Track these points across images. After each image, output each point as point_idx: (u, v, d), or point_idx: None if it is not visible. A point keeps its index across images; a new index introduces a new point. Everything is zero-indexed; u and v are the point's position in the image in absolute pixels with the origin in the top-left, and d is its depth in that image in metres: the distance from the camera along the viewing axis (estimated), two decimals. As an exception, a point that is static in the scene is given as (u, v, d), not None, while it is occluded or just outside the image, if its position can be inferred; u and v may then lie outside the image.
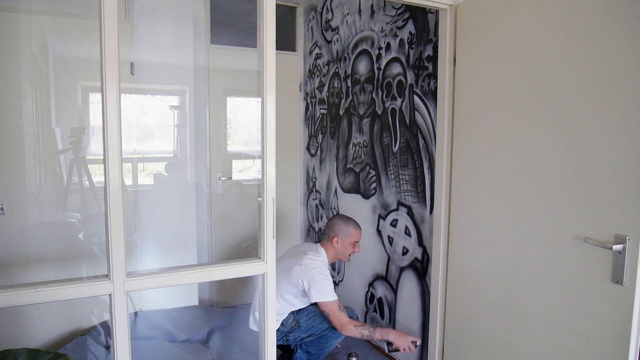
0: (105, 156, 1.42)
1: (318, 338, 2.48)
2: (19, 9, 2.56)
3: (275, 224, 1.70)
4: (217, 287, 3.57)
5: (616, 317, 1.45)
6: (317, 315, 2.47)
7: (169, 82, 3.25)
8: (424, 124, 2.42)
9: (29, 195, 2.69)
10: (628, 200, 1.42)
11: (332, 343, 2.49)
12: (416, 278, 2.53)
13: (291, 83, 3.80)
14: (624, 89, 1.42)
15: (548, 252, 1.67)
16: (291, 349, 2.59)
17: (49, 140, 2.81)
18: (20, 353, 1.17)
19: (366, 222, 2.97)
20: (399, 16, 2.59)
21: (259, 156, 1.68)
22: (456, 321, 2.17)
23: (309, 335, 2.50)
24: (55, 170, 2.85)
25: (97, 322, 2.87)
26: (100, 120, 1.40)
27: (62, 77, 2.85)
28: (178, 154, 3.36)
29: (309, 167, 3.77)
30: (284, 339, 2.52)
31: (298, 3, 3.74)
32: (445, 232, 2.20)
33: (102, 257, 2.59)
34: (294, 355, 2.56)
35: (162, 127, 3.42)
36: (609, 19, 1.46)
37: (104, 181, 1.43)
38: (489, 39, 1.91)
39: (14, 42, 2.55)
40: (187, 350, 2.74)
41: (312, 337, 2.50)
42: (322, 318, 2.44)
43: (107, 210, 1.43)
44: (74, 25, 2.78)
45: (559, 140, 1.62)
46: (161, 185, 3.34)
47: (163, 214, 3.20)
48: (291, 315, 2.50)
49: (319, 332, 2.47)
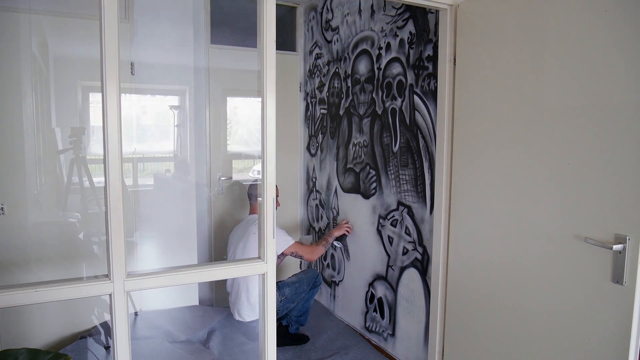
0: (105, 156, 1.42)
1: (301, 304, 2.94)
2: (19, 9, 2.56)
3: (275, 223, 1.70)
4: (217, 287, 3.57)
5: (616, 317, 1.45)
6: (296, 282, 2.92)
7: (169, 82, 3.25)
8: (424, 124, 2.42)
9: (29, 195, 2.69)
10: (628, 200, 1.42)
11: (310, 302, 3.01)
12: (420, 278, 2.53)
13: (291, 83, 3.80)
14: (624, 89, 1.42)
15: (548, 251, 1.67)
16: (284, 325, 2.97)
17: (49, 140, 2.81)
18: (21, 353, 1.17)
19: (366, 222, 2.97)
20: (399, 16, 2.59)
21: (259, 156, 1.68)
22: (456, 321, 2.17)
23: (294, 303, 2.91)
24: (55, 170, 2.85)
25: (97, 322, 2.87)
26: (101, 120, 1.40)
27: (62, 77, 2.85)
28: (178, 154, 3.36)
29: (309, 167, 3.77)
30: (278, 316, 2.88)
31: (298, 3, 3.74)
32: (445, 232, 2.20)
33: (102, 257, 2.60)
34: (289, 329, 2.96)
35: (162, 127, 3.42)
36: (609, 19, 1.46)
37: (104, 181, 1.43)
38: (489, 39, 1.91)
39: (14, 42, 2.55)
40: (187, 350, 2.74)
41: (297, 304, 2.92)
42: (300, 282, 2.92)
43: (107, 210, 1.44)
44: (74, 25, 2.78)
45: (559, 140, 1.62)
46: (161, 185, 3.34)
47: (163, 214, 3.20)
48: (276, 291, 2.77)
49: (301, 298, 2.92)
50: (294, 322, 2.98)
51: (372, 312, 2.97)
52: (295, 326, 2.98)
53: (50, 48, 2.81)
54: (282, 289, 2.85)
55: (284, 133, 3.69)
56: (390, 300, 2.78)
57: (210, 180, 3.51)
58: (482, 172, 1.96)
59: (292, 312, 2.95)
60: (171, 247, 3.23)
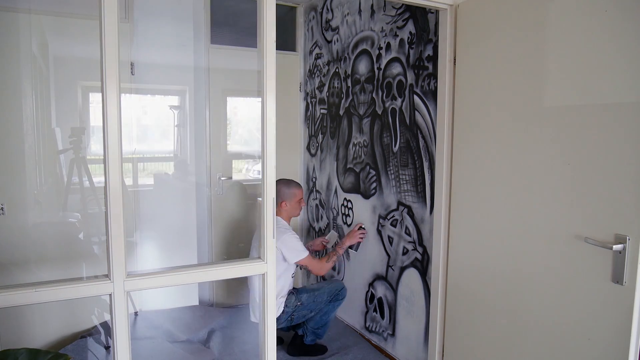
0: (105, 156, 1.42)
1: (320, 315, 2.76)
2: (19, 9, 2.56)
3: (275, 223, 1.70)
4: (217, 287, 3.57)
5: (616, 317, 1.45)
6: (316, 290, 2.77)
7: (169, 82, 3.25)
8: (424, 124, 2.42)
9: (29, 195, 2.69)
10: (628, 200, 1.42)
11: (331, 315, 2.82)
12: (420, 278, 2.53)
13: (291, 83, 3.80)
14: (624, 89, 1.42)
15: (548, 251, 1.67)
16: (300, 335, 2.84)
17: (49, 140, 2.81)
18: (21, 353, 1.17)
19: (366, 222, 2.97)
20: (399, 16, 2.59)
21: (259, 156, 1.68)
22: (456, 321, 2.17)
23: (311, 312, 2.74)
24: (55, 170, 2.85)
25: (97, 322, 2.87)
26: (101, 120, 1.40)
27: (62, 77, 2.85)
28: (178, 154, 3.36)
29: (309, 167, 3.77)
30: (289, 320, 2.71)
31: (298, 3, 3.74)
32: (445, 232, 2.20)
33: (102, 257, 2.60)
34: (304, 339, 2.82)
35: (162, 127, 3.42)
36: (609, 19, 1.46)
37: (104, 181, 1.43)
38: (489, 39, 1.91)
39: (14, 42, 2.55)
40: (187, 350, 2.74)
41: (314, 314, 2.75)
42: (320, 291, 2.75)
43: (107, 210, 1.44)
44: (74, 25, 2.78)
45: (559, 140, 1.62)
46: (161, 185, 3.34)
47: (163, 214, 3.20)
48: (292, 295, 2.71)
49: (320, 307, 2.74)
50: (310, 333, 2.81)
51: (372, 312, 2.97)
52: (310, 337, 2.82)
53: (50, 48, 2.81)
54: (300, 294, 2.72)
55: (284, 133, 3.69)
56: (390, 300, 2.78)
57: (210, 180, 3.51)
58: (482, 172, 1.96)
59: (310, 322, 2.78)
60: (171, 247, 3.23)
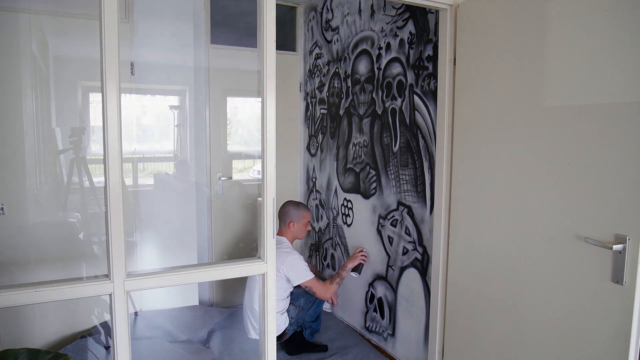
0: (105, 156, 1.42)
1: (314, 307, 2.87)
2: (19, 9, 2.56)
3: (275, 223, 1.70)
4: (217, 287, 3.57)
5: (616, 317, 1.45)
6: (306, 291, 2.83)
7: (169, 82, 3.25)
8: (424, 124, 2.42)
9: (29, 195, 2.69)
10: (628, 200, 1.41)
11: (322, 305, 2.94)
12: (420, 278, 2.53)
13: (291, 83, 3.80)
14: (624, 89, 1.42)
15: (548, 251, 1.67)
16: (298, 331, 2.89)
17: (49, 140, 2.81)
18: (21, 353, 1.17)
19: (366, 222, 2.97)
20: (399, 16, 2.59)
21: (259, 156, 1.68)
22: (456, 321, 2.17)
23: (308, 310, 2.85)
24: (55, 170, 2.85)
25: (97, 322, 2.87)
26: (101, 120, 1.40)
27: (62, 77, 2.85)
28: (178, 154, 3.36)
29: (309, 167, 3.77)
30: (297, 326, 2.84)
31: (298, 3, 3.74)
32: (445, 232, 2.20)
33: (102, 257, 2.60)
34: (304, 334, 2.89)
35: (162, 127, 3.42)
36: (609, 18, 1.46)
37: (104, 181, 1.43)
38: (489, 39, 1.91)
39: (14, 42, 2.55)
40: (187, 350, 2.74)
41: (310, 310, 2.86)
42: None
43: (107, 210, 1.44)
44: (74, 25, 2.78)
45: (559, 140, 1.62)
46: (161, 185, 3.34)
47: (163, 214, 3.20)
48: (291, 306, 2.79)
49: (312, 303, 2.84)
50: (307, 327, 2.90)
51: (372, 312, 2.97)
52: (308, 331, 2.90)
53: (50, 48, 2.81)
54: (297, 301, 2.80)
55: (284, 133, 3.69)
56: (390, 300, 2.78)
57: (210, 180, 3.51)
58: (482, 172, 1.96)
59: (305, 317, 2.88)
60: (171, 247, 3.23)
